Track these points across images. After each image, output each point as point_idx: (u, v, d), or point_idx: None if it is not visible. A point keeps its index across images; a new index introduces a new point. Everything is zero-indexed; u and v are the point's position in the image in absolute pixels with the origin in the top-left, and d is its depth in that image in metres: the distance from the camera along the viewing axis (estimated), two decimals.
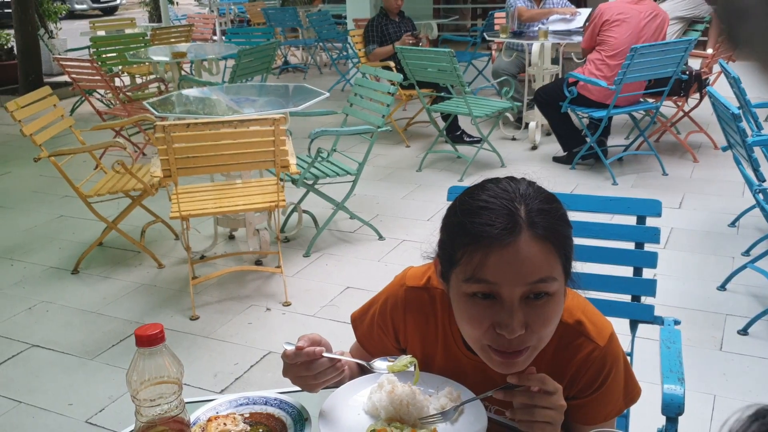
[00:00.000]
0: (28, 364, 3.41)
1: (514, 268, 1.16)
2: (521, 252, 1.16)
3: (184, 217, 3.69)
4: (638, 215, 2.06)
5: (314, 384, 1.33)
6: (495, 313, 1.19)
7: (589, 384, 1.34)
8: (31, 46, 9.49)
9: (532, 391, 1.22)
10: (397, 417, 1.30)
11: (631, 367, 1.42)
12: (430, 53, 5.92)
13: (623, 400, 1.39)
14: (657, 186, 5.33)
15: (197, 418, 1.32)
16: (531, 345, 1.22)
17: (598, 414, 1.38)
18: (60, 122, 4.56)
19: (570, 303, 1.35)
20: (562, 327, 1.32)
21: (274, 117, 3.48)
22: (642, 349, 2.56)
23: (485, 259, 1.17)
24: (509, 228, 1.16)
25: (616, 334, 1.38)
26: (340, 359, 1.34)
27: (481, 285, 1.18)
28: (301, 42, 11.19)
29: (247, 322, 3.70)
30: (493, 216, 1.18)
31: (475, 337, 1.23)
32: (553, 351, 1.34)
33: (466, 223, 1.20)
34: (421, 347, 1.45)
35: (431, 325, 1.44)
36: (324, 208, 4.76)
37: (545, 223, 1.19)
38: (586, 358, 1.33)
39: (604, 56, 5.43)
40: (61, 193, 5.55)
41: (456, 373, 1.40)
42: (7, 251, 4.71)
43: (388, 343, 1.51)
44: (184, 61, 6.89)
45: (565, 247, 1.22)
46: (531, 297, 1.19)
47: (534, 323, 1.19)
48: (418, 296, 1.44)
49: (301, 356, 1.30)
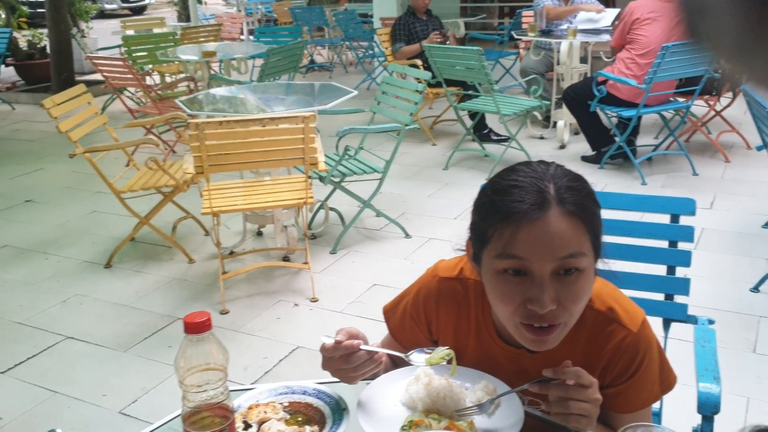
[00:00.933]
0: (63, 355, 3.47)
1: (543, 243, 1.19)
2: (551, 227, 1.19)
3: (214, 212, 3.74)
4: (672, 214, 2.06)
5: (353, 376, 1.36)
6: (526, 289, 1.21)
7: (623, 371, 1.35)
8: (64, 44, 9.63)
9: (568, 384, 1.23)
10: (434, 409, 1.32)
11: (665, 354, 1.42)
12: (458, 51, 5.93)
13: (659, 386, 1.39)
14: (687, 186, 5.29)
15: (238, 406, 1.35)
16: (562, 321, 1.24)
17: (633, 402, 1.38)
18: (94, 119, 4.63)
19: (601, 290, 1.36)
20: (594, 314, 1.34)
21: (303, 115, 3.51)
22: (675, 350, 2.55)
23: (515, 235, 1.19)
24: (538, 204, 1.19)
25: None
26: (378, 351, 1.36)
27: (512, 261, 1.21)
28: (327, 41, 11.24)
29: (276, 317, 3.73)
30: (522, 193, 1.21)
31: (507, 314, 1.25)
32: (586, 339, 1.35)
33: (497, 201, 1.23)
34: (454, 338, 1.47)
35: (464, 315, 1.45)
36: (351, 205, 4.78)
37: (574, 199, 1.21)
38: (619, 344, 1.34)
39: (634, 55, 5.40)
40: (94, 189, 5.64)
41: (489, 365, 1.41)
42: (41, 245, 4.79)
43: (421, 334, 1.52)
44: (213, 60, 6.95)
45: (593, 224, 1.24)
46: (561, 273, 1.21)
47: (565, 299, 1.21)
48: (451, 287, 1.46)
49: (340, 349, 1.32)
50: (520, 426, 1.26)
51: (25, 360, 3.41)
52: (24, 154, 7.09)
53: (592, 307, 1.34)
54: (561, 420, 1.25)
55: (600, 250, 1.28)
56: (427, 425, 1.27)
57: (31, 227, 5.13)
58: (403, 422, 1.29)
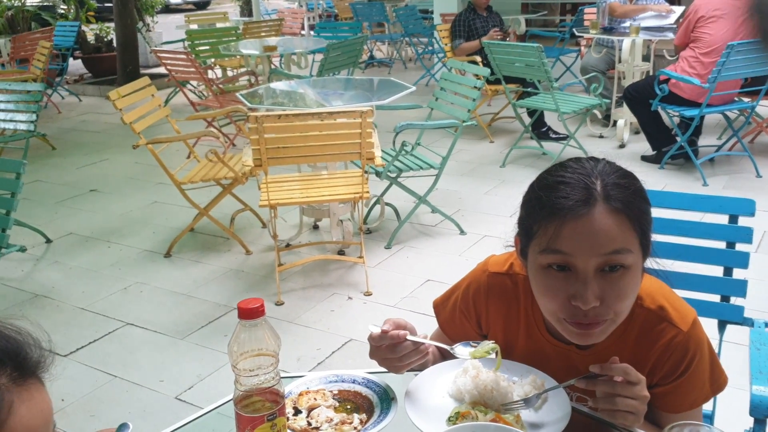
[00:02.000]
0: (123, 341, 3.58)
1: (588, 239, 1.19)
2: (596, 223, 1.19)
3: (272, 205, 3.80)
4: (730, 214, 2.03)
5: (399, 366, 1.37)
6: (570, 285, 1.22)
7: (672, 370, 1.34)
8: (130, 38, 9.90)
9: (615, 380, 1.23)
10: (481, 401, 1.33)
11: (716, 354, 1.40)
12: (517, 48, 5.89)
13: (709, 387, 1.38)
14: (750, 188, 5.15)
15: (289, 392, 1.38)
16: (608, 318, 1.24)
17: (683, 402, 1.37)
18: (157, 111, 4.75)
19: (651, 289, 1.36)
20: (645, 312, 1.34)
21: (361, 110, 3.54)
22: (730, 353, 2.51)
23: (560, 230, 1.20)
24: (584, 200, 1.20)
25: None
26: (424, 343, 1.37)
27: (556, 256, 1.22)
28: (387, 37, 11.28)
29: (330, 310, 3.78)
30: (568, 189, 1.21)
31: (551, 310, 1.26)
32: (636, 337, 1.35)
33: (543, 197, 1.24)
34: (503, 333, 1.48)
35: (513, 310, 1.46)
36: (406, 201, 4.81)
37: (621, 196, 1.21)
38: (669, 343, 1.33)
39: (698, 53, 5.29)
40: (155, 180, 5.79)
41: (538, 359, 1.41)
42: (104, 234, 4.94)
43: (470, 328, 1.54)
44: (274, 54, 7.05)
45: (641, 222, 1.24)
46: (606, 269, 1.21)
47: (609, 296, 1.21)
48: (501, 282, 1.47)
49: (386, 339, 1.34)
50: (566, 421, 1.26)
51: (87, 344, 3.54)
52: (90, 144, 7.32)
53: (642, 305, 1.34)
54: (608, 416, 1.25)
55: (649, 249, 1.27)
56: (474, 417, 1.28)
57: (95, 216, 5.30)
58: (450, 413, 1.31)
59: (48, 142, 7.17)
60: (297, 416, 1.32)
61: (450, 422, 1.28)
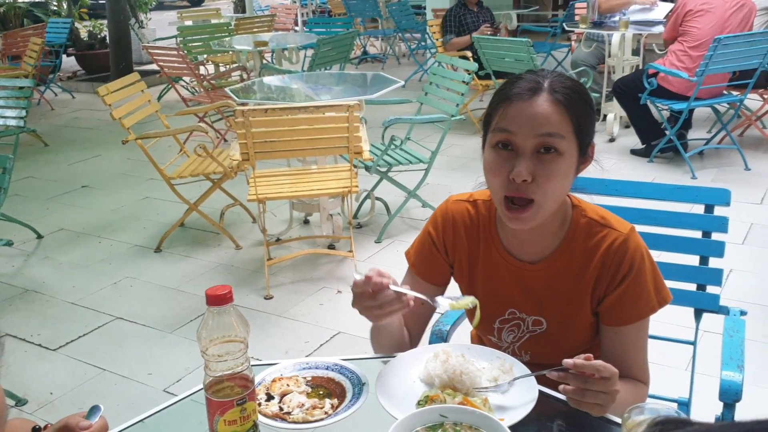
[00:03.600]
0: (112, 334, 3.60)
1: (529, 120, 1.37)
2: (537, 107, 1.37)
3: (260, 199, 3.82)
4: (706, 204, 2.05)
5: (379, 314, 1.38)
6: (510, 165, 1.38)
7: (615, 273, 1.46)
8: (123, 35, 9.88)
9: (588, 375, 1.25)
10: (451, 385, 1.36)
11: (658, 268, 1.51)
12: (507, 43, 5.91)
13: (655, 297, 1.48)
14: (738, 180, 5.18)
15: (262, 379, 1.41)
16: (536, 199, 1.38)
17: (631, 312, 1.48)
18: (147, 107, 4.76)
19: (594, 206, 1.55)
20: (587, 221, 1.50)
21: (348, 104, 3.56)
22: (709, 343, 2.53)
23: (507, 111, 1.40)
24: (532, 88, 1.39)
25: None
26: (405, 293, 1.37)
27: (502, 134, 1.40)
28: (380, 32, 11.28)
29: (319, 303, 3.80)
30: (521, 82, 1.42)
31: (496, 187, 1.42)
32: (581, 247, 1.49)
33: (501, 90, 1.45)
34: (468, 257, 1.61)
35: (474, 232, 1.60)
36: (396, 195, 4.83)
37: (564, 92, 1.39)
38: (610, 246, 1.47)
39: (686, 47, 5.31)
40: (147, 175, 5.80)
41: (496, 282, 1.56)
42: (95, 229, 4.95)
43: (440, 259, 1.64)
44: (265, 50, 7.06)
45: (579, 118, 1.40)
46: (541, 151, 1.38)
47: (540, 175, 1.37)
48: (464, 207, 1.63)
49: (369, 284, 1.35)
50: (533, 404, 1.29)
51: (77, 338, 3.56)
52: (82, 141, 7.33)
53: (585, 215, 1.52)
54: (575, 405, 1.28)
55: (585, 148, 1.45)
56: (442, 400, 1.31)
57: (86, 212, 5.31)
58: (420, 397, 1.34)
59: (40, 138, 7.18)
60: (269, 402, 1.35)
61: (419, 405, 1.31)
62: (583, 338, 1.56)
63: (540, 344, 1.57)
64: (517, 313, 1.57)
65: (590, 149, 1.47)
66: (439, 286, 1.68)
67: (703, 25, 5.23)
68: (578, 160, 1.44)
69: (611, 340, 1.50)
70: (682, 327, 2.31)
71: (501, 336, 1.62)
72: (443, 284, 1.68)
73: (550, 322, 1.55)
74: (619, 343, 1.49)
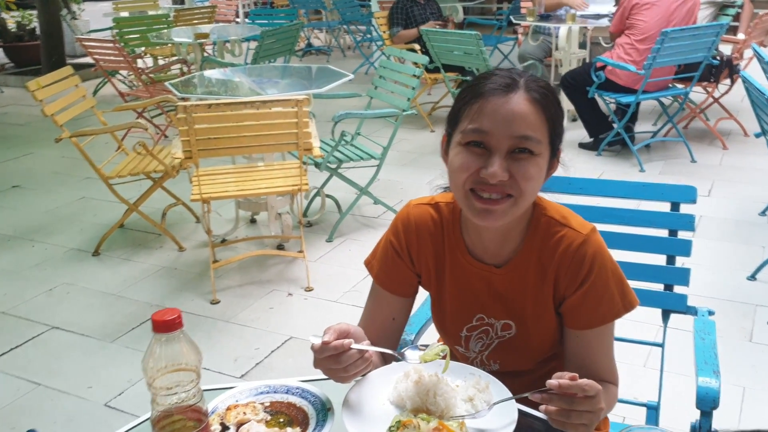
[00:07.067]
0: (47, 346, 3.39)
1: (505, 119, 1.28)
2: (514, 106, 1.29)
3: (204, 199, 3.65)
4: (672, 202, 1.99)
5: (344, 376, 1.30)
6: (481, 161, 1.30)
7: (575, 274, 1.39)
8: (54, 26, 9.48)
9: (573, 395, 1.17)
10: (424, 407, 1.25)
11: (623, 273, 1.44)
12: (456, 36, 5.83)
13: (620, 301, 1.41)
14: (685, 173, 5.22)
15: (216, 407, 1.28)
16: (512, 194, 1.30)
17: (594, 315, 1.41)
18: (82, 102, 4.53)
19: (556, 205, 1.47)
20: (547, 219, 1.43)
21: (297, 98, 3.42)
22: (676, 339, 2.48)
23: (482, 108, 1.30)
24: (508, 86, 1.31)
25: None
26: (369, 350, 1.30)
27: (475, 134, 1.30)
28: (324, 24, 11.11)
29: (269, 307, 3.66)
30: (496, 78, 1.33)
31: (461, 181, 1.33)
32: (540, 246, 1.42)
33: (473, 85, 1.35)
34: (435, 263, 1.52)
35: (439, 237, 1.51)
36: (348, 192, 4.70)
37: (540, 91, 1.32)
38: (569, 247, 1.40)
39: (633, 40, 5.31)
40: (83, 174, 5.54)
41: (464, 287, 1.48)
42: (28, 232, 4.70)
43: (405, 269, 1.54)
44: (206, 42, 6.83)
45: (553, 121, 1.33)
46: (516, 151, 1.29)
47: (516, 173, 1.29)
48: (425, 211, 1.53)
49: (328, 350, 1.26)
50: (513, 426, 1.20)
51: (9, 351, 3.34)
52: (12, 138, 7.00)
53: (545, 213, 1.44)
54: (559, 426, 1.20)
55: (556, 152, 1.38)
56: (416, 426, 1.20)
57: (17, 214, 5.04)
58: (391, 422, 1.22)
59: None
60: None
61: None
62: (551, 341, 1.49)
63: (509, 351, 1.50)
64: (486, 319, 1.49)
65: (558, 153, 1.40)
66: (407, 298, 1.58)
67: (650, 18, 5.23)
68: (549, 162, 1.37)
69: (575, 344, 1.44)
70: (648, 326, 2.26)
71: (468, 345, 1.53)
72: (411, 295, 1.59)
73: (518, 326, 1.48)
74: (583, 348, 1.43)
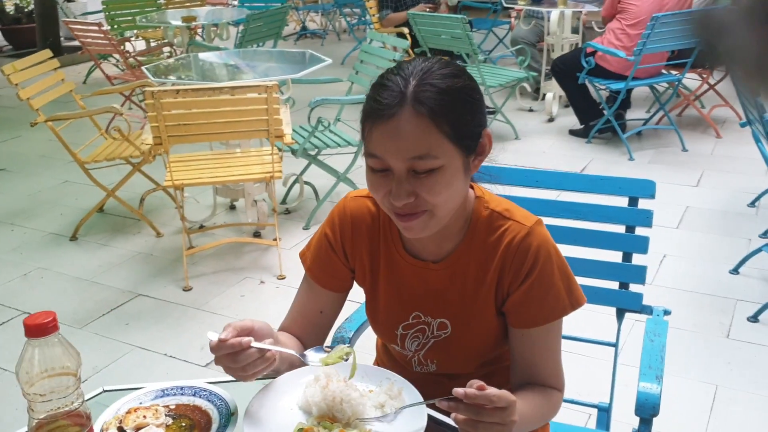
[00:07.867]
0: (17, 332, 3.35)
1: (394, 143, 1.21)
2: (400, 127, 1.20)
3: (177, 186, 3.61)
4: (630, 197, 1.92)
5: (244, 375, 1.24)
6: (388, 183, 1.24)
7: (519, 268, 1.34)
8: (49, 9, 9.39)
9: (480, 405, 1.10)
10: (330, 414, 1.20)
11: (570, 269, 1.38)
12: (443, 19, 5.74)
13: (567, 297, 1.35)
14: (675, 162, 5.13)
15: (117, 410, 1.23)
16: (427, 209, 1.25)
17: (539, 312, 1.35)
18: (60, 86, 4.48)
19: (499, 199, 1.41)
20: (490, 213, 1.38)
21: (266, 84, 3.36)
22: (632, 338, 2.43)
23: (371, 134, 1.23)
24: (393, 104, 1.20)
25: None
26: (270, 349, 1.23)
27: (373, 159, 1.24)
28: (319, 7, 10.98)
29: (240, 295, 3.62)
30: (385, 93, 1.22)
31: (379, 200, 1.29)
32: (482, 241, 1.37)
33: (367, 99, 1.26)
34: (369, 258, 1.46)
35: (376, 230, 1.46)
36: (327, 179, 4.64)
37: (430, 100, 1.20)
38: (512, 240, 1.34)
39: (624, 25, 5.21)
40: (68, 158, 5.41)
41: (400, 285, 1.43)
42: (9, 216, 4.67)
43: (338, 262, 1.49)
44: (195, 25, 6.76)
45: (454, 123, 1.22)
46: (416, 170, 1.22)
47: (422, 192, 1.23)
48: (362, 203, 1.48)
49: (225, 348, 1.20)
50: None
51: None
52: (2, 121, 6.95)
53: (488, 207, 1.38)
54: None
55: (471, 148, 1.27)
56: None
57: (0, 197, 5.00)
58: (293, 430, 1.18)
59: None
60: None
61: None
62: (489, 342, 1.43)
63: (445, 351, 1.44)
64: (422, 317, 1.43)
65: (484, 140, 1.30)
66: (340, 293, 1.53)
67: (642, 3, 5.13)
68: (465, 161, 1.27)
69: (520, 344, 1.38)
70: (604, 324, 2.20)
71: (404, 344, 1.47)
72: (344, 290, 1.53)
73: (455, 325, 1.41)
74: (528, 347, 1.37)
